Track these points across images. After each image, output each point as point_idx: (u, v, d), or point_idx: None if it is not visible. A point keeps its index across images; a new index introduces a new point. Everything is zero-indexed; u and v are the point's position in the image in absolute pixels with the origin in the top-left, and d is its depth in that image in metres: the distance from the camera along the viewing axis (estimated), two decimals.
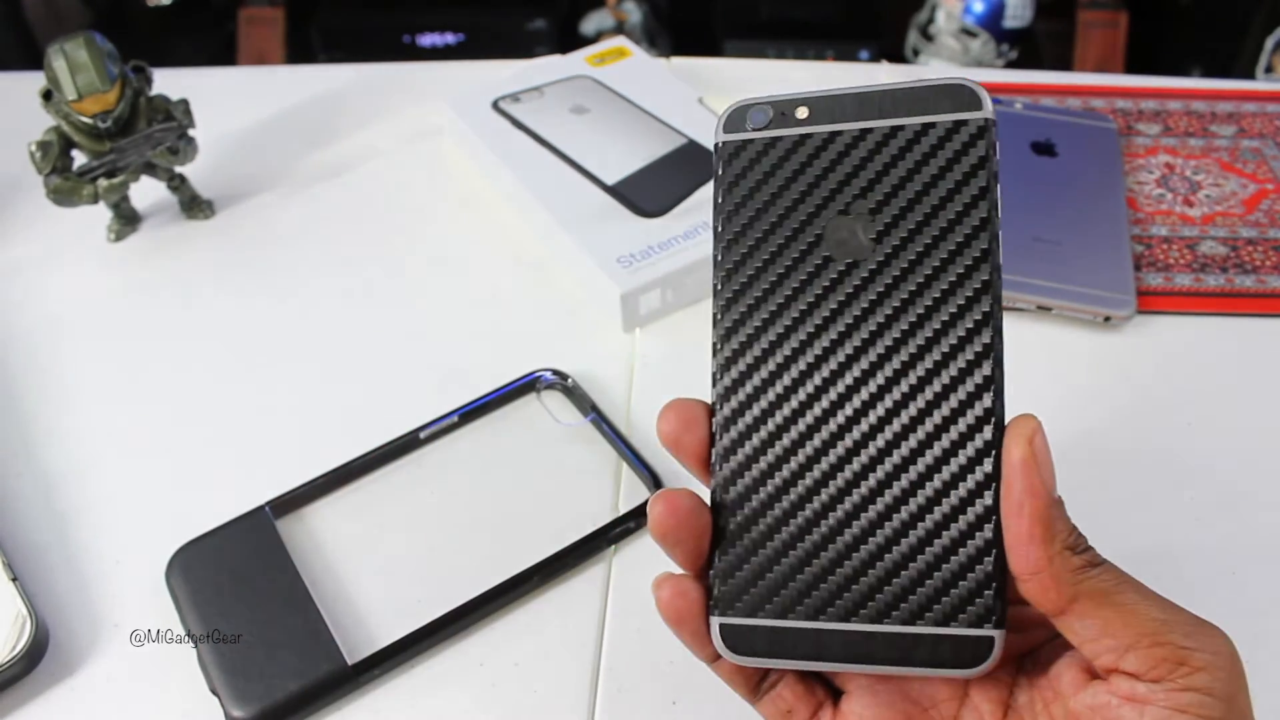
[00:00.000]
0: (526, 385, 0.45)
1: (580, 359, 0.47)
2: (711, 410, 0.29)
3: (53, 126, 0.50)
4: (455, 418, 0.44)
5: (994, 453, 0.26)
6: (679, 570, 0.28)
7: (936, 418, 0.27)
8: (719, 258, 0.29)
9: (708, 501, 0.28)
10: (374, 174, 0.59)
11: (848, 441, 0.27)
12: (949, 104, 0.28)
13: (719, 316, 0.29)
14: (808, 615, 0.27)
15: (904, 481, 0.27)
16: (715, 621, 0.28)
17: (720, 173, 0.29)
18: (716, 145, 0.30)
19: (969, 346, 0.27)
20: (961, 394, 0.26)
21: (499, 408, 0.45)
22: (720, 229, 0.29)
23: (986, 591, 0.26)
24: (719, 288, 0.29)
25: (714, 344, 0.29)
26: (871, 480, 0.27)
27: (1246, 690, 0.24)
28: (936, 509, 0.26)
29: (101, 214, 0.55)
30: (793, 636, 0.27)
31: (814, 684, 0.29)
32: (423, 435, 0.43)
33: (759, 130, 0.29)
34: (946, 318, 0.27)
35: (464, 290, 0.52)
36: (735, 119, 0.30)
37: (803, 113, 0.29)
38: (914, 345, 0.27)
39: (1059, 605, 0.25)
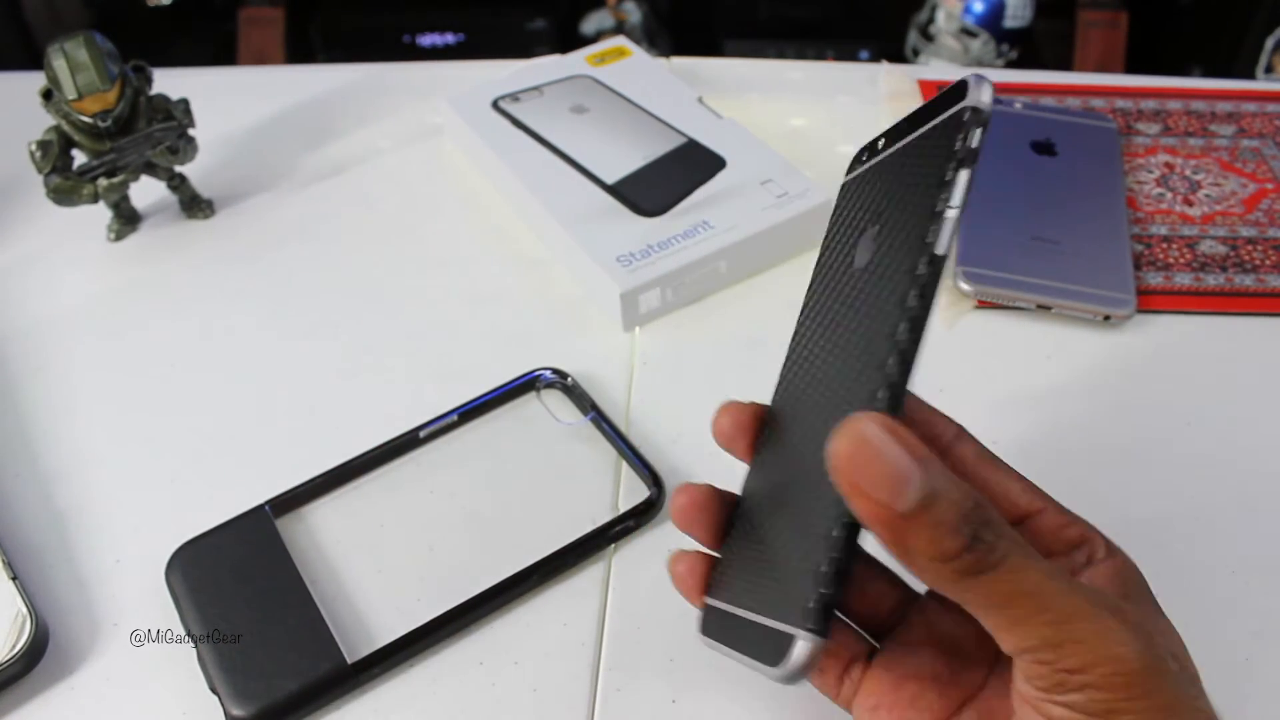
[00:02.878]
0: (526, 384, 0.45)
1: (580, 358, 0.47)
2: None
3: (53, 126, 0.50)
4: (455, 417, 0.44)
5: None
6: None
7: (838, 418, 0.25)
8: (810, 284, 0.32)
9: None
10: (374, 174, 0.59)
11: (801, 451, 0.28)
12: (954, 99, 0.26)
13: (794, 336, 0.31)
14: (715, 596, 0.30)
15: (813, 484, 0.26)
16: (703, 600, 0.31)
17: (833, 210, 0.32)
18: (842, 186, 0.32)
19: (878, 346, 0.25)
20: (855, 397, 0.25)
21: (499, 407, 0.45)
22: (817, 261, 0.32)
23: (810, 592, 0.24)
24: (802, 309, 0.32)
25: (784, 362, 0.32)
26: (802, 482, 0.27)
27: (1148, 703, 0.23)
28: (817, 512, 0.25)
29: (101, 214, 0.55)
30: (711, 616, 0.30)
31: (849, 638, 0.30)
32: (422, 434, 0.43)
33: (862, 165, 0.31)
34: (881, 313, 0.26)
35: (464, 290, 0.52)
36: (857, 158, 0.31)
37: (881, 142, 0.30)
38: (857, 349, 0.26)
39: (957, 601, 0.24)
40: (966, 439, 0.29)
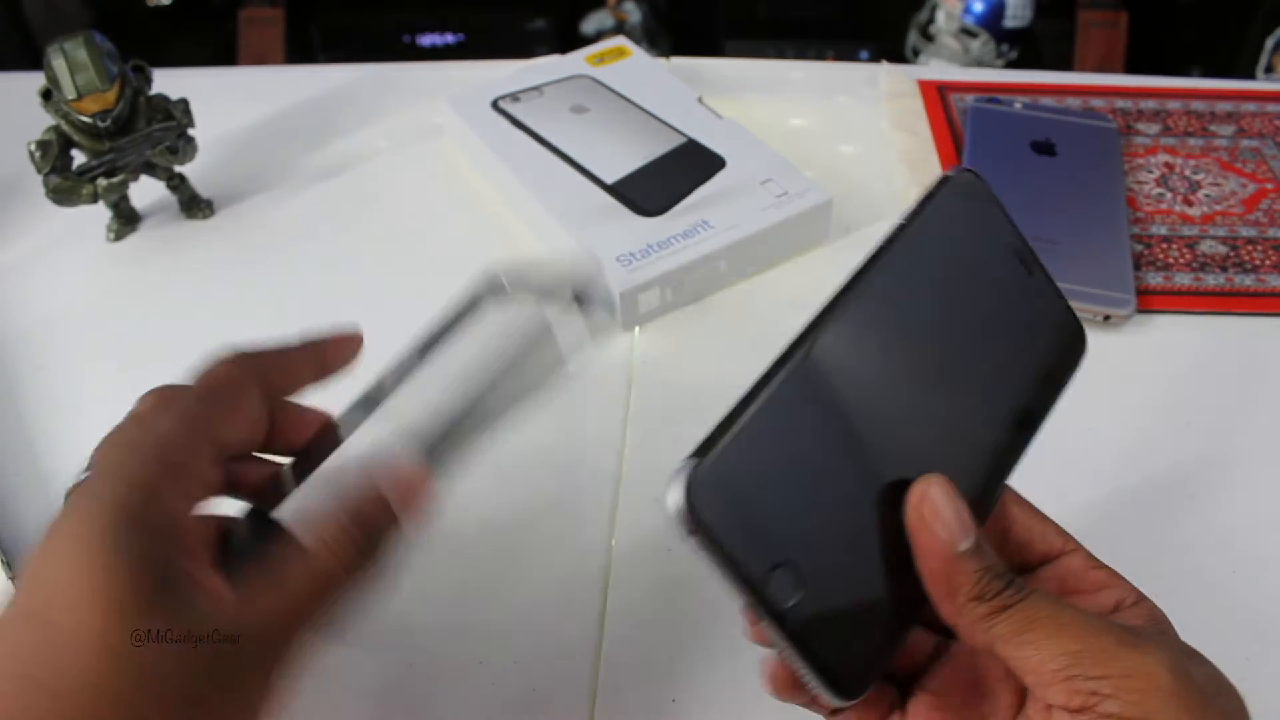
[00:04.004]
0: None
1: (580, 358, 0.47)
2: None
3: (52, 126, 0.50)
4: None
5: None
6: None
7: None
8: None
9: None
10: (374, 174, 0.59)
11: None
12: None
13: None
14: None
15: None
16: None
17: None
18: None
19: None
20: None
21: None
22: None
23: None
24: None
25: None
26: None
27: (1177, 704, 0.23)
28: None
29: (101, 214, 0.55)
30: None
31: (884, 688, 0.29)
32: None
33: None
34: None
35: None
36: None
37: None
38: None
39: (983, 648, 0.25)
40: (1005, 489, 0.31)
